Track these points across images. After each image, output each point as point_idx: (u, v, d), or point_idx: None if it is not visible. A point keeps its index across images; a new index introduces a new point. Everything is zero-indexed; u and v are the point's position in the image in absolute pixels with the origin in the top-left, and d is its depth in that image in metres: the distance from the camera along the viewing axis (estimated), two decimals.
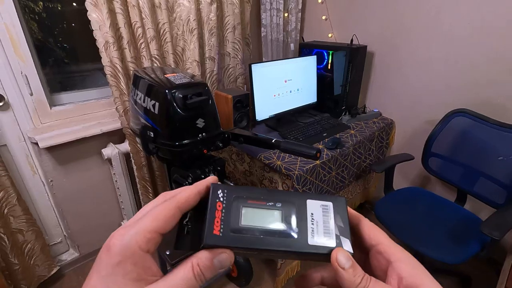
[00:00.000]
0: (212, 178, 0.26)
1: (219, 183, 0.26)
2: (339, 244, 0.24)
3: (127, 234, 0.21)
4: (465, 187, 1.41)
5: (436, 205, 1.45)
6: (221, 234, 0.23)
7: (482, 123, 1.34)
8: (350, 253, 0.23)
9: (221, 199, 0.25)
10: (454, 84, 1.48)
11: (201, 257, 0.22)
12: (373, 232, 0.25)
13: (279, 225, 0.24)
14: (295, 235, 0.24)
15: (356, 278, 0.22)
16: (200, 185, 0.25)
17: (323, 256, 0.24)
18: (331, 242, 0.24)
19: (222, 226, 0.24)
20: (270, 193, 0.26)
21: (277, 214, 0.25)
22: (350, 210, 0.27)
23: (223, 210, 0.24)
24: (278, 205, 0.25)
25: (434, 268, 1.53)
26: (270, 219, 0.25)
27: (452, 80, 1.49)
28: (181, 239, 0.25)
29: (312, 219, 0.25)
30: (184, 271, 0.21)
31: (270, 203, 0.25)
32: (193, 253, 0.23)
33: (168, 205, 0.23)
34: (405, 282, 0.21)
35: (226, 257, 0.23)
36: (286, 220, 0.25)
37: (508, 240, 1.48)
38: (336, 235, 0.24)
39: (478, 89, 1.41)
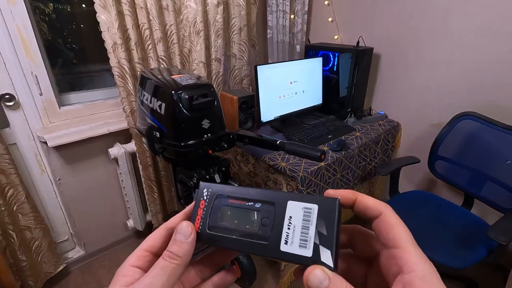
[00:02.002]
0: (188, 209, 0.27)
1: (209, 183, 0.27)
2: (315, 255, 0.21)
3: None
4: (472, 191, 1.40)
5: (442, 209, 1.44)
6: (199, 231, 0.24)
7: (489, 126, 1.32)
8: (330, 267, 0.20)
9: (205, 197, 0.25)
10: (461, 86, 1.47)
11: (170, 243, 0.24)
12: (392, 232, 0.20)
13: (253, 227, 0.23)
14: (268, 240, 0.23)
15: None
16: (188, 209, 0.26)
17: (297, 263, 0.22)
18: (306, 252, 0.21)
19: (201, 224, 0.24)
20: (253, 192, 0.25)
21: (254, 215, 0.24)
22: (370, 200, 0.23)
23: (205, 208, 0.25)
24: (257, 206, 0.24)
25: (440, 273, 1.51)
26: (246, 220, 0.24)
27: (459, 82, 1.47)
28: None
29: (290, 223, 0.22)
30: (159, 261, 0.23)
31: (249, 203, 0.24)
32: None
33: (158, 228, 0.25)
34: None
35: (184, 225, 0.23)
36: (262, 222, 0.23)
37: None
38: (314, 243, 0.21)
39: (486, 92, 1.40)
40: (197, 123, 0.94)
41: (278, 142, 0.99)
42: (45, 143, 1.30)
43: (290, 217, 0.23)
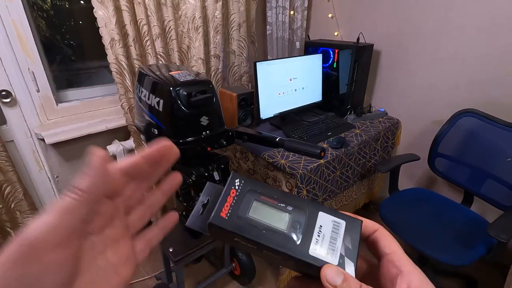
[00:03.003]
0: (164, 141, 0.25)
1: (239, 174, 0.27)
2: (341, 264, 0.23)
3: None
4: (472, 188, 1.39)
5: (442, 206, 1.44)
6: (226, 218, 0.24)
7: (490, 124, 1.32)
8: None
9: (237, 187, 0.26)
10: (462, 83, 1.46)
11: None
12: (388, 241, 0.25)
13: (284, 227, 0.24)
14: (297, 241, 0.24)
15: None
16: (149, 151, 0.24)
17: (318, 269, 0.23)
18: (333, 259, 0.23)
19: (230, 211, 0.25)
20: (284, 195, 0.26)
21: (285, 216, 0.25)
22: (368, 221, 0.26)
23: (235, 198, 0.25)
24: (289, 208, 0.25)
25: (439, 270, 1.52)
26: (277, 219, 0.25)
27: (460, 79, 1.46)
28: (194, 218, 0.26)
29: (320, 231, 0.24)
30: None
31: (281, 204, 0.25)
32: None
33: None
34: None
35: (95, 156, 0.20)
36: (292, 224, 0.24)
37: None
38: (341, 254, 0.23)
39: (486, 89, 1.39)
40: (196, 120, 0.93)
41: (277, 139, 0.98)
42: (43, 140, 1.29)
43: (321, 226, 0.24)
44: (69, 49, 1.48)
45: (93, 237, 0.20)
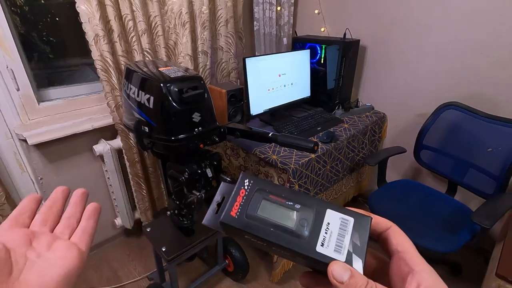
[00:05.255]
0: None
1: (249, 174, 0.28)
2: (349, 261, 0.23)
3: None
4: (456, 178, 1.45)
5: (428, 196, 1.49)
6: (236, 217, 0.26)
7: (472, 116, 1.37)
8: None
9: (246, 187, 0.27)
10: (445, 77, 1.51)
11: None
12: (401, 239, 0.25)
13: (291, 224, 0.25)
14: (305, 238, 0.24)
15: (359, 287, 0.21)
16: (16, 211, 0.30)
17: (326, 266, 0.23)
18: (340, 256, 0.23)
19: (239, 210, 0.26)
20: (293, 193, 0.26)
21: (293, 214, 0.25)
22: (380, 218, 0.26)
23: (244, 197, 0.26)
24: (297, 207, 0.26)
25: (425, 257, 1.57)
26: (285, 217, 0.25)
27: (443, 73, 1.51)
28: (210, 216, 0.27)
29: (327, 228, 0.24)
30: None
31: (289, 203, 0.26)
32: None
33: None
34: None
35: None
36: (300, 222, 0.25)
37: (496, 229, 1.53)
38: (348, 251, 0.23)
39: (468, 83, 1.44)
40: (188, 117, 0.92)
41: (270, 135, 0.98)
42: (25, 141, 1.23)
43: (328, 223, 0.25)
44: (47, 47, 1.42)
45: (24, 249, 0.26)
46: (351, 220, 0.25)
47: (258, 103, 1.55)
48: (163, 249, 1.11)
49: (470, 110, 1.37)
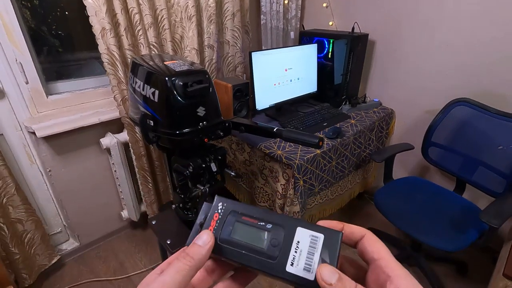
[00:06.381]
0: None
1: (225, 198, 0.28)
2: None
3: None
4: (464, 176, 1.42)
5: (435, 194, 1.46)
6: None
7: (482, 113, 1.34)
8: None
9: (219, 210, 0.27)
10: (455, 73, 1.47)
11: (188, 246, 0.25)
12: (376, 247, 0.25)
13: (263, 245, 0.25)
14: (275, 259, 0.24)
15: None
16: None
17: (299, 285, 0.23)
18: (309, 275, 0.23)
19: (213, 235, 0.26)
20: (265, 213, 0.26)
21: (264, 234, 0.26)
22: (355, 227, 0.27)
23: (218, 221, 0.27)
24: (268, 226, 0.26)
25: (431, 256, 1.56)
26: (257, 238, 0.26)
27: (453, 69, 1.47)
28: (192, 238, 0.27)
29: (297, 247, 0.24)
30: (174, 262, 0.24)
31: (261, 223, 0.26)
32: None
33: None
34: None
35: (206, 234, 0.25)
36: (271, 242, 0.25)
37: (505, 228, 1.50)
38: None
39: (480, 79, 1.41)
40: (192, 111, 0.92)
41: (275, 130, 0.97)
42: (34, 133, 1.26)
43: (298, 241, 0.25)
44: (56, 40, 1.43)
45: None
46: (320, 236, 0.25)
47: (264, 98, 1.55)
48: (168, 242, 1.13)
49: (481, 106, 1.34)
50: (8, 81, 1.22)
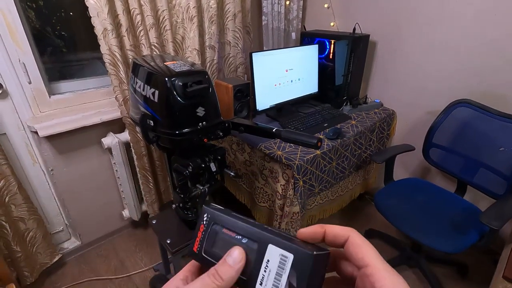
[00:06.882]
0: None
1: (211, 207, 0.28)
2: None
3: None
4: (465, 178, 1.41)
5: (436, 195, 1.46)
6: (197, 252, 0.27)
7: (484, 114, 1.33)
8: None
9: (204, 222, 0.27)
10: (456, 74, 1.47)
11: (219, 263, 0.24)
12: (361, 252, 0.23)
13: None
14: (247, 276, 0.23)
15: None
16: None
17: None
18: None
19: (199, 246, 0.27)
20: (246, 226, 0.25)
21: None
22: (337, 228, 0.25)
23: (203, 232, 0.27)
24: (244, 241, 0.25)
25: (432, 257, 1.55)
26: None
27: (455, 70, 1.47)
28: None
29: (266, 266, 0.23)
30: (203, 276, 0.23)
31: (238, 237, 0.25)
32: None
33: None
34: None
35: (237, 252, 0.24)
36: (246, 258, 0.24)
37: (506, 230, 1.49)
38: None
39: (481, 80, 1.40)
40: (192, 111, 0.93)
41: (274, 130, 0.98)
42: (36, 133, 1.27)
43: (268, 260, 0.23)
44: (60, 41, 1.45)
45: None
46: (290, 257, 0.22)
47: (265, 99, 1.55)
48: (168, 241, 1.13)
49: (482, 107, 1.33)
50: (11, 81, 1.23)
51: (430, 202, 1.41)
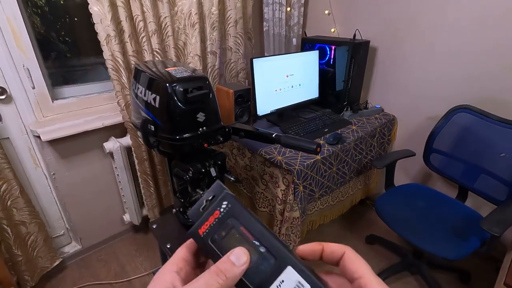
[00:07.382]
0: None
1: (233, 197, 0.26)
2: None
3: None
4: (466, 183, 1.41)
5: (437, 201, 1.45)
6: (202, 236, 0.25)
7: (484, 119, 1.33)
8: None
9: (222, 209, 0.26)
10: (457, 80, 1.47)
11: (220, 260, 0.24)
12: (355, 265, 0.25)
13: (250, 265, 0.24)
14: (253, 285, 0.23)
15: None
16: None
17: None
18: None
19: (207, 231, 0.25)
20: (265, 234, 0.25)
21: (254, 256, 0.24)
22: (333, 245, 0.26)
23: (217, 220, 0.25)
24: (262, 250, 0.24)
25: (433, 264, 1.54)
26: None
27: (455, 76, 1.47)
28: (195, 211, 0.27)
29: (279, 285, 0.23)
30: (205, 273, 0.23)
31: (256, 242, 0.25)
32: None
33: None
34: None
35: (242, 253, 0.24)
36: (258, 265, 0.24)
37: (508, 236, 1.47)
38: None
39: (481, 85, 1.40)
40: (192, 116, 0.93)
41: (274, 135, 0.98)
42: (39, 137, 1.28)
43: (283, 280, 0.23)
44: (64, 46, 1.47)
45: None
46: (307, 286, 0.22)
47: (265, 104, 1.56)
48: (168, 246, 1.13)
49: (483, 113, 1.33)
50: (15, 86, 1.25)
51: (431, 207, 1.41)
